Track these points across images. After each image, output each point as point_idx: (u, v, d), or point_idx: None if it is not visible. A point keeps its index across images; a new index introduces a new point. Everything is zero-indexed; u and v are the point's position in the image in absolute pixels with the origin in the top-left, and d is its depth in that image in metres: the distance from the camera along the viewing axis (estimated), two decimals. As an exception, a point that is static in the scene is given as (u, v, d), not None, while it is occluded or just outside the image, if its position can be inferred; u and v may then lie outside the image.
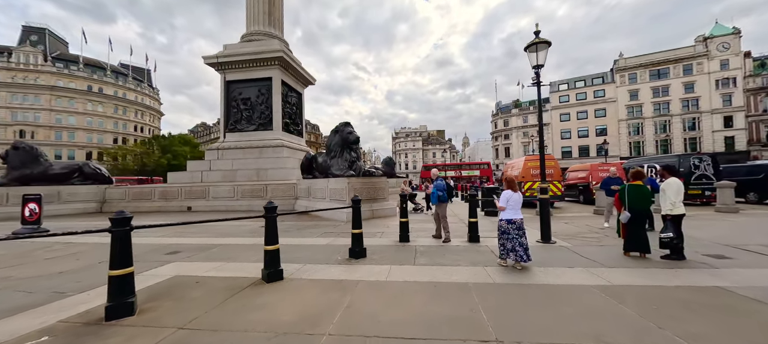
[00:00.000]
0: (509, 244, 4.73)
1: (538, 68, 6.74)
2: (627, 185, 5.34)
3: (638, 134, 50.52)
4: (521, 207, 4.96)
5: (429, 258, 5.45)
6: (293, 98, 21.10)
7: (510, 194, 4.88)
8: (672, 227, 4.88)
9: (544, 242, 6.51)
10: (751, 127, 43.67)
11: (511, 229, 4.75)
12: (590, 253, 5.55)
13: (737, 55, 44.95)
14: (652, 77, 50.13)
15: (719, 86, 45.39)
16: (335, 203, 11.73)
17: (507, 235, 4.77)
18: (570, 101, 57.18)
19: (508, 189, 4.97)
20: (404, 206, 6.95)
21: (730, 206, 10.54)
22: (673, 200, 4.92)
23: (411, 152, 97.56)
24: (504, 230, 4.82)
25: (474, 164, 49.69)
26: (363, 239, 5.67)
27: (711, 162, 12.90)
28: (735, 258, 5.08)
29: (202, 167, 18.63)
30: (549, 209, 6.56)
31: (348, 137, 12.76)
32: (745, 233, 7.13)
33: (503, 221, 4.86)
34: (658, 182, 7.92)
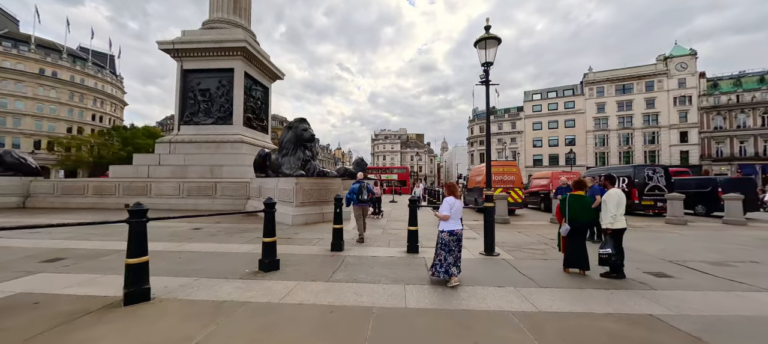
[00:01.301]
0: (451, 258, 4.12)
1: (487, 66, 6.25)
2: (568, 195, 4.90)
3: (604, 145, 52.73)
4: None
5: (350, 272, 4.76)
6: (258, 92, 19.90)
7: (452, 202, 4.25)
8: (611, 243, 4.47)
9: (487, 254, 6.00)
10: (704, 142, 46.65)
11: (453, 242, 4.14)
12: (529, 269, 5.07)
13: (693, 75, 47.98)
14: (617, 92, 52.55)
15: (677, 103, 48.23)
16: (284, 204, 10.85)
17: (447, 248, 4.15)
18: (542, 111, 58.91)
19: (450, 196, 4.33)
20: (338, 211, 6.23)
21: (680, 218, 10.64)
22: (614, 212, 4.52)
23: (389, 155, 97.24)
24: (445, 243, 4.18)
25: (394, 168, 52.66)
26: (276, 248, 4.90)
27: (663, 174, 13.15)
28: (675, 276, 4.75)
29: (149, 161, 17.08)
30: (494, 218, 6.06)
31: (302, 134, 11.91)
32: (689, 247, 6.98)
33: (445, 232, 4.20)
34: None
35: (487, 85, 6.29)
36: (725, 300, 3.74)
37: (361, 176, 8.58)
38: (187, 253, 5.86)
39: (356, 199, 7.70)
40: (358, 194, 7.70)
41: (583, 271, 4.75)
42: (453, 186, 4.38)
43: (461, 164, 79.16)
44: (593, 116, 53.80)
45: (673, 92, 48.49)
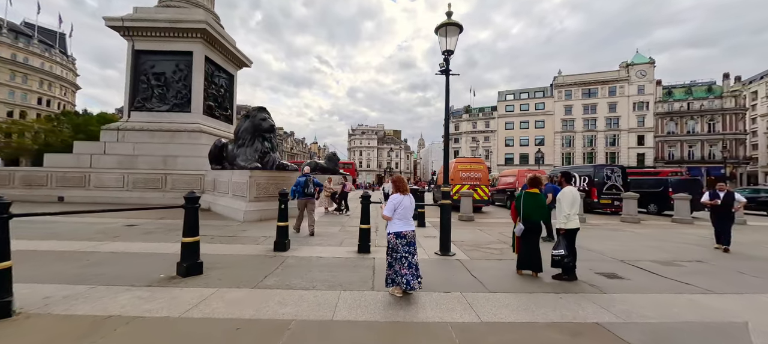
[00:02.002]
0: (396, 265, 3.60)
1: (447, 54, 5.88)
2: (523, 193, 4.65)
3: (570, 146, 55.19)
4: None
5: (285, 276, 4.23)
6: (222, 79, 18.57)
7: (399, 199, 3.72)
8: (564, 243, 4.26)
9: (442, 254, 5.68)
10: (658, 146, 50.05)
11: (401, 245, 3.63)
12: (482, 271, 4.78)
13: (651, 82, 51.19)
14: (583, 95, 55.07)
15: (635, 108, 51.30)
16: (237, 200, 10.05)
17: (396, 255, 3.64)
18: (514, 111, 60.64)
19: (397, 192, 3.81)
20: (283, 207, 5.65)
21: (634, 217, 11.00)
22: (567, 212, 4.30)
23: (366, 151, 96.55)
24: (392, 248, 3.68)
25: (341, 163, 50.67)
26: (199, 250, 4.26)
27: (621, 174, 13.63)
28: (626, 277, 4.64)
29: (93, 150, 15.44)
30: (449, 217, 5.74)
31: (260, 124, 11.11)
32: (641, 246, 7.07)
33: (391, 234, 3.69)
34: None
35: (448, 75, 5.93)
36: (674, 304, 3.60)
37: (307, 170, 8.11)
38: (101, 254, 5.06)
39: (302, 192, 7.25)
40: (304, 187, 7.26)
41: (536, 273, 4.51)
42: (400, 181, 3.89)
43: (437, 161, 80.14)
44: (561, 118, 56.08)
45: (633, 97, 51.51)
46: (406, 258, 3.60)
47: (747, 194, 16.97)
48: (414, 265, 3.62)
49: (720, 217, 6.52)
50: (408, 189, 3.87)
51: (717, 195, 6.63)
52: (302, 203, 7.47)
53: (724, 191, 6.63)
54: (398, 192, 3.78)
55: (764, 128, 51.85)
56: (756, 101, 54.51)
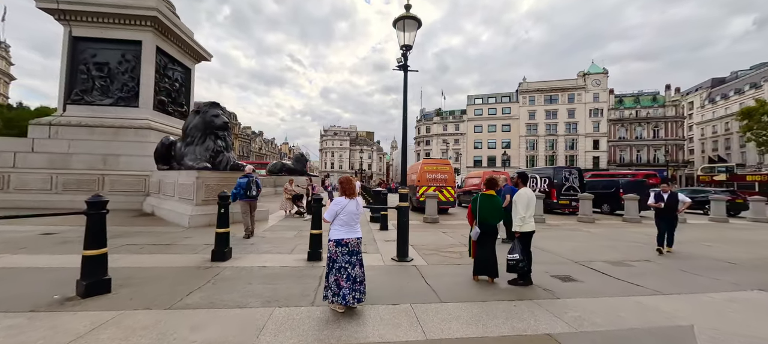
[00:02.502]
0: (334, 276, 3.19)
1: (405, 50, 5.60)
2: (479, 195, 4.45)
3: (533, 149, 57.94)
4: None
5: (215, 291, 3.69)
6: (177, 73, 17.12)
7: (343, 204, 3.33)
8: (519, 247, 4.10)
9: (399, 260, 5.37)
10: (611, 150, 53.93)
11: (341, 255, 3.23)
12: (438, 277, 4.52)
13: (605, 91, 55.10)
14: (546, 101, 58.10)
15: (591, 114, 54.95)
16: (183, 203, 9.15)
17: (334, 264, 3.24)
18: (483, 115, 62.62)
19: (343, 195, 3.41)
20: (223, 211, 5.05)
21: (589, 217, 11.45)
22: (523, 214, 4.15)
23: (338, 152, 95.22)
24: (331, 256, 3.28)
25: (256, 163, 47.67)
26: (106, 264, 3.60)
27: (578, 175, 14.25)
28: (580, 279, 4.60)
29: (18, 147, 13.53)
30: (407, 220, 5.45)
31: (213, 120, 10.26)
32: (595, 246, 7.23)
33: (331, 242, 3.28)
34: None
35: (406, 70, 5.65)
36: (622, 308, 3.53)
37: (249, 169, 7.56)
38: (-12, 271, 4.18)
39: (244, 194, 6.69)
40: (247, 189, 6.72)
41: (492, 279, 4.33)
42: (346, 183, 3.49)
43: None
44: (526, 122, 58.72)
45: (589, 104, 55.12)
46: (345, 269, 3.21)
47: (686, 194, 18.54)
48: (354, 278, 3.24)
49: (664, 218, 6.45)
50: (356, 192, 3.49)
51: (661, 197, 6.52)
52: (245, 206, 6.92)
53: (668, 193, 6.54)
54: (344, 195, 3.39)
55: (699, 134, 57.66)
56: (692, 110, 60.52)
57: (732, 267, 5.55)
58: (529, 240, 4.27)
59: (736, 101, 48.30)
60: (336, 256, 3.23)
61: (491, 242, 4.38)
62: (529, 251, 4.26)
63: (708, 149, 53.59)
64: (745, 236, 9.03)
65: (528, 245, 4.26)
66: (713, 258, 6.13)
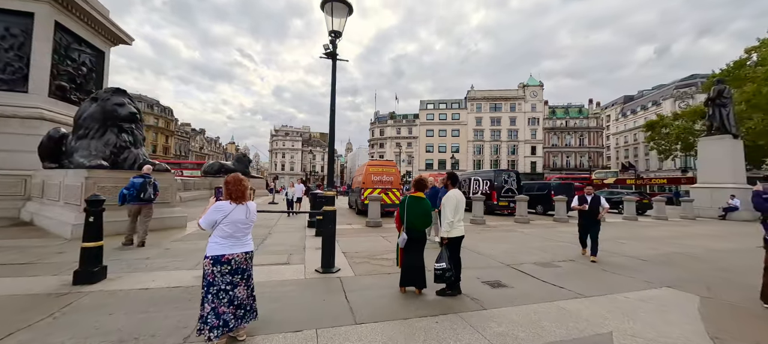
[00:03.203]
0: (209, 305, 2.47)
1: (334, 36, 5.04)
2: (406, 198, 4.04)
3: (480, 154, 61.40)
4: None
5: (48, 330, 2.71)
6: (85, 56, 14.40)
7: (225, 210, 2.58)
8: (447, 255, 3.75)
9: (323, 271, 4.75)
10: (546, 155, 59.38)
11: (220, 275, 2.51)
12: (362, 291, 4.01)
13: (541, 102, 60.58)
14: (491, 109, 62.03)
15: (529, 122, 59.98)
16: (68, 210, 7.47)
17: (211, 287, 2.50)
18: (434, 120, 64.72)
19: (228, 199, 2.66)
20: (91, 220, 3.97)
21: (525, 217, 11.99)
22: (451, 219, 3.82)
23: (289, 153, 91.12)
24: (206, 277, 2.52)
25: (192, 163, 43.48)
26: None
27: (516, 178, 15.00)
28: (510, 284, 4.43)
29: None
30: (332, 227, 4.86)
31: (115, 109, 8.64)
32: (527, 247, 7.37)
33: (207, 259, 2.54)
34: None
35: (334, 59, 5.08)
36: (546, 317, 3.35)
37: (148, 169, 6.42)
38: None
39: (136, 196, 5.60)
40: (141, 190, 5.62)
41: (420, 290, 3.93)
42: (234, 183, 2.70)
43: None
44: (473, 128, 62.01)
45: (528, 113, 60.09)
46: (226, 292, 2.52)
47: (606, 195, 20.72)
48: (239, 302, 2.56)
49: (587, 222, 6.21)
50: (247, 196, 2.77)
51: (585, 200, 6.27)
52: (135, 209, 5.91)
53: (591, 195, 6.30)
54: (230, 199, 2.66)
55: (615, 143, 66.25)
56: (610, 122, 69.40)
57: (643, 264, 5.93)
58: (458, 246, 3.97)
59: (642, 116, 56.37)
60: (213, 277, 2.51)
61: (419, 250, 3.99)
62: (458, 258, 3.95)
63: (621, 155, 61.70)
64: (651, 234, 10.06)
65: (457, 252, 3.95)
66: (628, 256, 6.55)
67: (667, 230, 10.96)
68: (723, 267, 5.75)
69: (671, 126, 29.46)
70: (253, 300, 2.72)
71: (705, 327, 3.16)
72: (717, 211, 15.54)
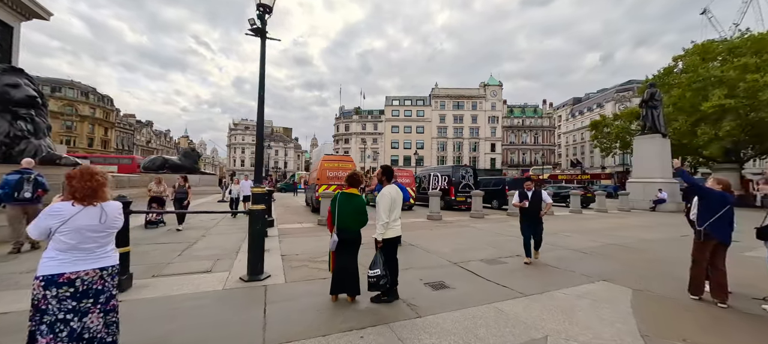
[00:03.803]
0: (44, 338, 1.83)
1: (263, 11, 4.41)
2: (337, 195, 3.60)
3: (443, 151, 62.81)
4: None
5: None
6: None
7: (65, 213, 1.92)
8: (382, 260, 3.38)
9: (249, 279, 4.16)
10: (505, 153, 62.32)
11: (57, 301, 1.86)
12: (288, 302, 3.52)
13: (500, 101, 63.31)
14: (454, 107, 63.61)
15: (490, 121, 62.48)
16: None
17: (43, 316, 1.85)
18: (399, 116, 64.97)
19: (71, 199, 1.98)
20: None
21: (480, 212, 12.15)
22: (386, 219, 3.44)
23: (250, 148, 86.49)
24: (35, 303, 1.86)
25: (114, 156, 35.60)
26: None
27: (473, 173, 15.24)
28: (452, 285, 4.18)
29: None
30: (260, 228, 4.29)
31: (7, 92, 7.29)
32: (479, 242, 7.32)
33: (38, 280, 1.86)
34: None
35: (263, 36, 4.46)
36: (485, 321, 3.12)
37: (28, 163, 5.41)
38: None
39: (11, 196, 4.62)
40: (15, 189, 4.63)
41: (353, 297, 3.52)
42: (81, 177, 2.00)
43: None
44: (437, 125, 63.18)
45: (488, 112, 62.52)
46: (68, 322, 1.89)
47: (554, 189, 21.97)
48: (91, 335, 1.95)
49: (529, 220, 5.52)
50: (103, 195, 2.09)
51: (526, 196, 5.60)
52: (16, 212, 4.88)
53: (532, 191, 5.62)
54: (74, 199, 2.00)
55: (565, 142, 71.36)
56: (561, 122, 74.57)
57: (584, 256, 6.06)
58: (395, 248, 3.61)
59: (588, 116, 61.18)
60: (45, 303, 1.86)
61: (352, 253, 3.57)
62: (394, 262, 3.60)
63: (571, 153, 66.61)
64: (593, 225, 10.63)
65: (393, 254, 3.59)
66: (571, 249, 6.70)
67: (606, 222, 11.68)
68: (653, 258, 6.05)
69: (612, 126, 32.10)
70: (115, 329, 2.11)
71: (637, 323, 3.11)
72: (648, 203, 17.07)
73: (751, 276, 4.52)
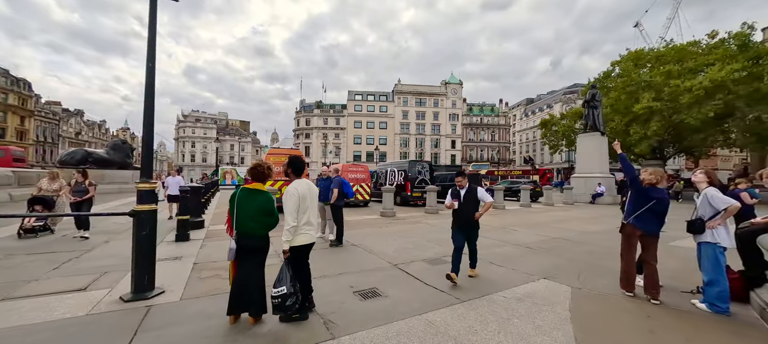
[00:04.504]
0: None
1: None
2: (237, 191, 2.92)
3: (406, 147, 63.29)
4: None
5: None
6: None
7: None
8: (289, 273, 2.76)
9: (133, 297, 3.31)
10: (464, 149, 64.40)
11: None
12: (170, 326, 2.77)
13: (460, 99, 65.19)
14: (417, 103, 64.25)
15: (450, 118, 64.12)
16: None
17: None
18: (362, 111, 64.17)
19: None
20: None
21: (434, 208, 11.98)
22: (293, 223, 2.81)
23: (201, 142, 79.98)
24: None
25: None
26: None
27: (429, 168, 15.10)
28: (385, 293, 3.70)
29: None
30: (148, 232, 3.43)
31: None
32: (425, 240, 6.98)
33: None
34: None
35: None
36: (410, 338, 2.65)
37: None
38: None
39: None
40: None
41: (255, 318, 2.86)
42: None
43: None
44: (400, 122, 63.42)
45: (449, 109, 64.08)
46: None
47: (507, 184, 22.81)
48: None
49: (462, 224, 4.21)
50: None
51: (458, 195, 4.22)
52: None
53: (465, 189, 4.23)
54: None
55: (519, 139, 75.68)
56: (515, 121, 78.91)
57: (529, 252, 5.95)
58: (305, 258, 3.00)
59: (539, 116, 65.33)
60: None
61: (257, 263, 2.90)
62: (305, 274, 3.00)
63: (524, 150, 70.76)
64: (540, 219, 10.91)
65: (303, 266, 2.98)
66: (516, 244, 6.59)
67: (552, 215, 12.12)
68: (592, 250, 6.11)
69: (559, 125, 34.37)
70: None
71: (573, 330, 2.83)
72: (589, 196, 18.30)
73: (679, 268, 4.62)
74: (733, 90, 18.91)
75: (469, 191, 4.26)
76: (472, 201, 4.22)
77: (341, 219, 6.27)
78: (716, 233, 3.10)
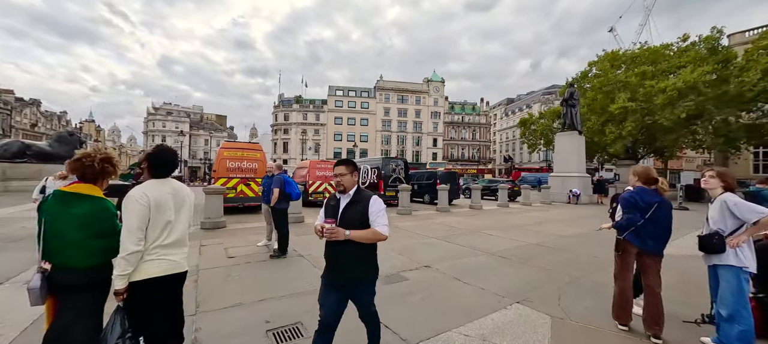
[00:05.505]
0: None
1: None
2: (47, 198, 1.88)
3: (387, 144, 62.41)
4: None
5: None
6: None
7: None
8: (123, 324, 1.76)
9: None
10: (446, 147, 64.29)
11: None
12: None
13: (442, 97, 64.96)
14: (398, 100, 63.43)
15: (432, 116, 63.77)
16: None
17: None
18: (343, 107, 62.67)
19: None
20: None
21: (407, 208, 11.14)
22: (132, 248, 1.79)
23: (172, 136, 75.54)
24: None
25: None
26: None
27: (404, 166, 14.26)
28: (306, 331, 2.73)
29: None
30: None
31: None
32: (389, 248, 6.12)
33: None
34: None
35: None
36: None
37: None
38: None
39: None
40: None
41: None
42: None
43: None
44: (382, 118, 62.42)
45: (431, 107, 63.71)
46: None
47: (486, 182, 22.40)
48: None
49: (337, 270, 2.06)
50: None
51: (332, 212, 2.15)
52: None
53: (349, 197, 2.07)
54: None
55: (499, 138, 76.53)
56: (496, 120, 79.72)
57: (502, 262, 5.18)
58: (162, 295, 1.99)
59: (518, 116, 66.22)
60: None
61: (81, 305, 1.88)
62: (164, 319, 2.00)
63: (504, 149, 71.59)
64: (517, 220, 10.27)
65: (158, 307, 1.97)
66: (489, 253, 5.82)
67: (530, 216, 11.56)
68: (572, 259, 5.42)
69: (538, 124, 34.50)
70: None
71: (555, 397, 2.00)
72: (566, 196, 18.08)
73: (673, 284, 3.94)
74: (703, 92, 19.23)
75: (356, 201, 2.14)
76: (358, 222, 2.08)
77: (285, 225, 5.25)
78: (742, 254, 2.34)
